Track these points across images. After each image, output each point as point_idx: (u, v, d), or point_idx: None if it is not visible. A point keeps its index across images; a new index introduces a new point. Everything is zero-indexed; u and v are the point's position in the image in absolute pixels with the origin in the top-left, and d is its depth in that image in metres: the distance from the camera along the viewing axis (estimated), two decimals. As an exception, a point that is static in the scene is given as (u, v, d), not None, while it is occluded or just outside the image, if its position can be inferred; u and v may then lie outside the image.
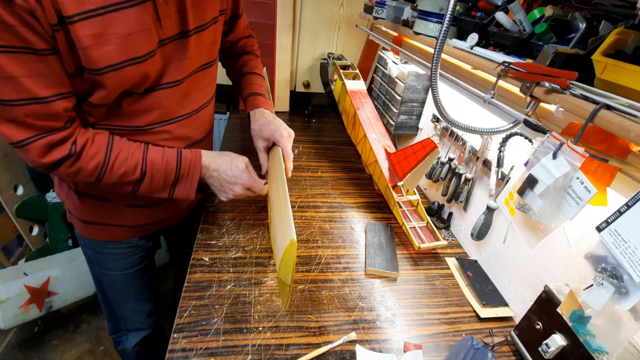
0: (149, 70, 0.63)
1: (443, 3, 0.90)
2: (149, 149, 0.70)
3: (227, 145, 1.37)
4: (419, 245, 0.93)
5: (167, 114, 0.72)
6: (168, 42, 0.64)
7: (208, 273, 0.80)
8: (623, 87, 0.47)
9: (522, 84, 0.60)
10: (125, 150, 0.67)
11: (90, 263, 0.96)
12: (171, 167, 0.71)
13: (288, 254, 0.58)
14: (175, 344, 0.65)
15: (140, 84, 0.64)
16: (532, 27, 0.67)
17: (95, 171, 0.65)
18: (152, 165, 0.69)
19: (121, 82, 0.60)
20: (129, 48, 0.58)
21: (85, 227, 0.86)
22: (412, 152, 0.97)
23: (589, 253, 0.53)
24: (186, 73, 0.71)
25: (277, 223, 0.67)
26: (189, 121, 0.77)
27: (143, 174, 0.69)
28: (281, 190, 0.72)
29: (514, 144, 0.85)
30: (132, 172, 0.67)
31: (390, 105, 1.36)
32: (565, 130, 0.56)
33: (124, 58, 0.58)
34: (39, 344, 1.53)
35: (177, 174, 0.72)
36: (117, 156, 0.66)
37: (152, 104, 0.68)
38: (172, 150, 0.72)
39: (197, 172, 0.75)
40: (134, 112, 0.68)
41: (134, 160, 0.67)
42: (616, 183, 0.53)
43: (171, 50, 0.66)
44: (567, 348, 0.61)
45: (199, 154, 0.75)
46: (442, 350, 0.72)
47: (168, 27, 0.63)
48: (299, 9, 1.53)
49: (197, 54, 0.72)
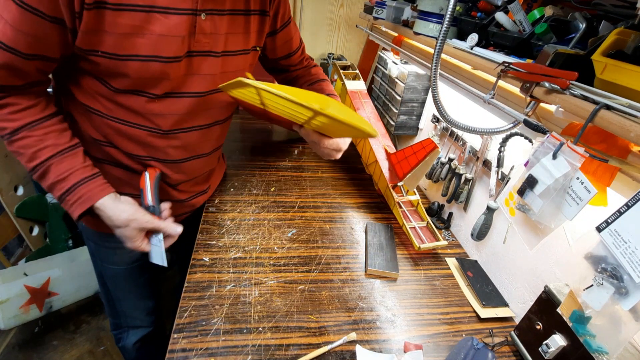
0: (170, 72, 0.65)
1: (443, 3, 0.90)
2: (62, 160, 0.66)
3: (228, 145, 1.37)
4: (419, 246, 0.93)
5: (181, 122, 0.73)
6: (196, 55, 0.67)
7: (208, 273, 0.80)
8: (623, 87, 0.47)
9: (522, 84, 0.60)
10: (37, 139, 0.64)
11: (93, 256, 0.96)
12: (60, 186, 0.66)
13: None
14: (175, 344, 0.65)
15: (160, 82, 0.66)
16: (532, 27, 0.67)
17: (3, 132, 0.63)
18: (46, 172, 0.65)
19: (143, 73, 0.62)
20: (159, 46, 0.61)
21: (87, 218, 0.81)
22: (412, 152, 0.97)
23: (589, 253, 0.53)
24: (208, 88, 0.73)
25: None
26: (202, 133, 0.79)
27: (35, 171, 0.66)
28: None
29: (514, 144, 0.85)
30: (27, 160, 0.65)
31: (390, 106, 1.36)
32: (565, 131, 0.56)
33: (152, 53, 0.61)
34: (39, 344, 1.53)
35: (63, 195, 0.67)
36: (24, 138, 0.63)
37: (170, 109, 0.70)
38: (83, 170, 0.67)
39: (80, 211, 0.68)
40: (149, 114, 0.69)
41: (35, 155, 0.64)
42: (616, 183, 0.53)
43: (198, 64, 0.69)
44: (567, 348, 0.61)
45: (98, 194, 0.68)
46: (442, 350, 0.72)
47: (199, 43, 0.66)
48: (299, 9, 1.53)
49: (223, 74, 0.74)
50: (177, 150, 0.77)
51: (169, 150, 0.76)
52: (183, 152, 0.79)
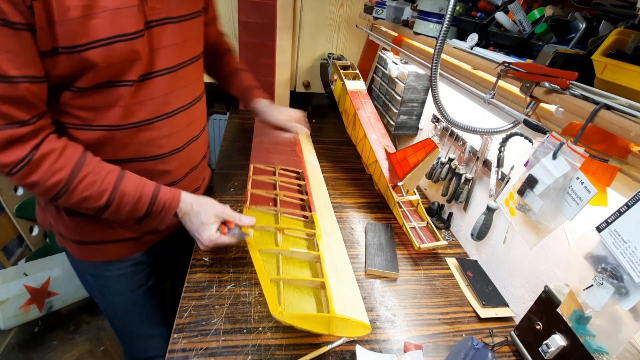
0: (139, 48, 0.59)
1: (443, 3, 0.90)
2: (125, 176, 0.64)
3: (227, 145, 1.37)
4: (419, 246, 0.93)
5: (163, 105, 0.69)
6: (155, 25, 0.63)
7: (208, 273, 0.80)
8: (623, 87, 0.47)
9: (522, 84, 0.60)
10: (95, 172, 0.61)
11: (94, 293, 0.89)
12: (143, 203, 0.66)
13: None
14: (175, 344, 0.65)
15: (133, 64, 0.60)
16: (532, 27, 0.67)
17: (54, 189, 0.58)
18: (123, 195, 0.63)
19: (111, 59, 0.56)
20: (117, 23, 0.55)
21: (82, 250, 0.78)
22: (412, 152, 0.97)
23: (589, 253, 0.53)
24: (179, 60, 0.69)
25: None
26: (185, 114, 0.75)
27: (109, 203, 0.63)
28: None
29: (514, 144, 0.85)
30: (97, 197, 0.61)
31: (390, 106, 1.36)
32: (565, 131, 0.56)
33: (113, 33, 0.55)
34: (39, 344, 1.53)
35: (149, 210, 0.67)
36: (85, 177, 0.59)
37: (150, 94, 0.65)
38: (150, 185, 0.67)
39: (171, 214, 0.70)
40: (131, 106, 0.63)
41: (103, 186, 0.61)
42: (616, 183, 0.53)
43: (159, 35, 0.64)
44: (567, 348, 0.61)
45: (177, 196, 0.70)
46: (442, 350, 0.72)
47: (154, 10, 0.61)
48: (299, 9, 1.53)
49: (186, 43, 0.70)
50: (169, 140, 0.73)
51: (161, 141, 0.71)
52: (176, 140, 0.74)
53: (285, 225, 0.85)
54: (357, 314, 0.68)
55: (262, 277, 0.67)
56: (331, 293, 0.69)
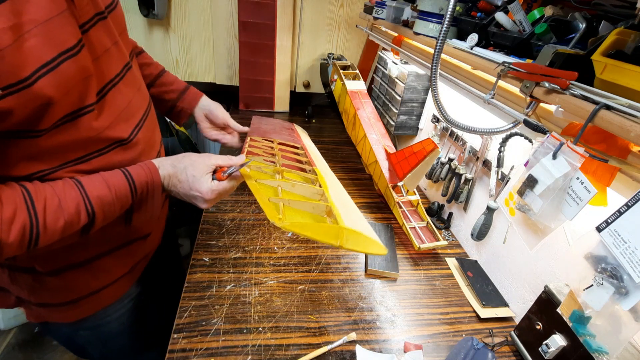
0: (86, 63, 0.49)
1: (443, 3, 0.90)
2: (83, 181, 0.52)
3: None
4: (419, 246, 0.93)
5: (130, 118, 0.60)
6: (89, 28, 0.51)
7: (208, 273, 0.80)
8: (623, 87, 0.47)
9: (522, 84, 0.60)
10: (52, 194, 0.49)
11: (87, 347, 0.77)
12: (124, 194, 0.56)
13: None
14: (175, 344, 0.65)
15: (88, 83, 0.50)
16: (532, 28, 0.67)
17: (24, 238, 0.46)
18: (100, 201, 0.53)
19: (63, 85, 0.45)
20: (55, 38, 0.44)
21: (77, 308, 0.67)
22: (412, 153, 0.97)
23: (589, 253, 0.53)
24: (123, 61, 0.59)
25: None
26: (150, 119, 0.66)
27: (91, 216, 0.52)
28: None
29: (514, 144, 0.85)
30: (75, 219, 0.50)
31: (390, 106, 1.36)
32: (565, 131, 0.56)
33: (56, 52, 0.44)
34: (39, 344, 1.53)
35: (134, 198, 0.57)
36: (46, 206, 0.48)
37: (112, 111, 0.56)
38: (114, 174, 0.56)
39: (159, 189, 0.60)
40: (99, 129, 0.53)
41: (72, 203, 0.50)
42: (616, 183, 0.53)
43: (96, 37, 0.53)
44: (567, 348, 0.61)
45: (152, 167, 0.60)
46: (442, 350, 0.72)
47: (82, 10, 0.50)
48: (299, 9, 1.53)
49: (121, 36, 0.60)
50: (145, 153, 0.64)
51: (141, 158, 0.62)
52: (150, 151, 0.66)
53: (284, 169, 0.75)
54: (370, 233, 0.62)
55: (259, 195, 0.58)
56: (339, 213, 0.61)
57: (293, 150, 0.93)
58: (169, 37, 1.52)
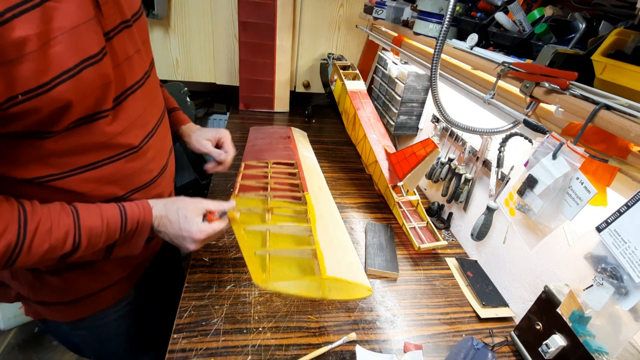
0: (107, 71, 0.49)
1: (443, 3, 0.90)
2: (80, 209, 0.53)
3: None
4: (419, 246, 0.93)
5: (143, 126, 0.61)
6: (113, 35, 0.52)
7: (208, 273, 0.80)
8: (623, 87, 0.47)
9: (522, 84, 0.60)
10: (46, 218, 0.49)
11: (83, 346, 0.79)
12: (113, 228, 0.56)
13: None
14: (175, 345, 0.65)
15: (106, 90, 0.51)
16: (531, 28, 0.67)
17: (3, 257, 0.45)
18: (89, 231, 0.53)
19: (82, 91, 0.46)
20: (80, 45, 0.45)
21: (76, 308, 0.68)
22: (412, 153, 0.97)
23: (589, 253, 0.53)
24: (144, 69, 0.60)
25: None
26: (162, 128, 0.67)
27: (77, 245, 0.52)
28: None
29: (514, 144, 0.85)
30: (60, 245, 0.50)
31: (390, 106, 1.36)
32: (565, 131, 0.56)
33: (78, 59, 0.44)
34: (38, 344, 1.53)
35: (121, 234, 0.57)
36: (37, 228, 0.48)
37: (127, 117, 0.57)
38: (110, 207, 0.56)
39: (147, 229, 0.60)
40: (112, 137, 0.54)
41: (62, 230, 0.50)
42: (616, 183, 0.53)
43: (120, 45, 0.53)
44: (567, 348, 0.61)
45: (147, 206, 0.60)
46: (442, 350, 0.72)
47: (109, 18, 0.50)
48: (299, 9, 1.53)
49: (144, 45, 0.61)
50: (156, 161, 0.65)
51: (151, 166, 0.63)
52: (160, 159, 0.66)
53: (275, 205, 0.79)
54: (354, 276, 0.63)
55: (245, 249, 0.60)
56: (323, 258, 0.63)
57: (287, 169, 0.99)
58: (168, 37, 1.52)
